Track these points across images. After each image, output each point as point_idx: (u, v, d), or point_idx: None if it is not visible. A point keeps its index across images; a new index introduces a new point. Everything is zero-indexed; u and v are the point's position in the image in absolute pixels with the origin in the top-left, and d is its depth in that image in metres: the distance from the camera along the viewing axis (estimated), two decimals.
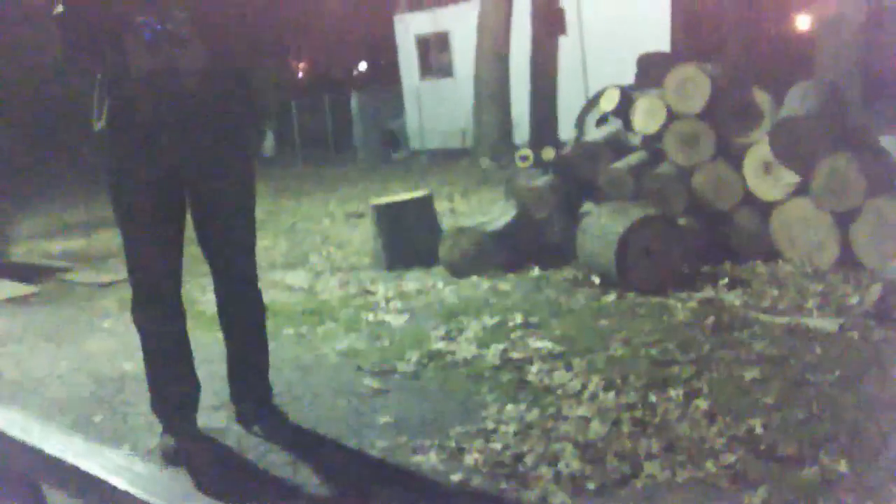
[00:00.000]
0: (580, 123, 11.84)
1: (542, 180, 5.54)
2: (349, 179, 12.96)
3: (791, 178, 4.93)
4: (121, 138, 2.94)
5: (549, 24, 13.44)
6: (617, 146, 5.73)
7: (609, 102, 5.79)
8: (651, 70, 11.67)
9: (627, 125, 5.76)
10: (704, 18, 12.63)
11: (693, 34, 12.34)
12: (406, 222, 5.89)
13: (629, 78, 11.86)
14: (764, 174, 5.05)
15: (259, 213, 3.47)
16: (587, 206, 5.48)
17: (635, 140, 5.76)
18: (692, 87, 5.28)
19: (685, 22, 12.21)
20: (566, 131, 13.39)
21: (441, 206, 8.76)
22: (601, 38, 12.85)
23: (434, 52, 15.05)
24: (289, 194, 11.53)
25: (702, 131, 5.25)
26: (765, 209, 5.08)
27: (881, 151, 4.96)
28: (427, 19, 15.12)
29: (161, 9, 2.76)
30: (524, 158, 5.80)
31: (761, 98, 5.21)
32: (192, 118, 2.91)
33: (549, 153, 5.61)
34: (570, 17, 13.19)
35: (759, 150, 5.06)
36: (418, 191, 6.32)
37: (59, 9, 2.95)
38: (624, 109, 5.75)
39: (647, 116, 5.46)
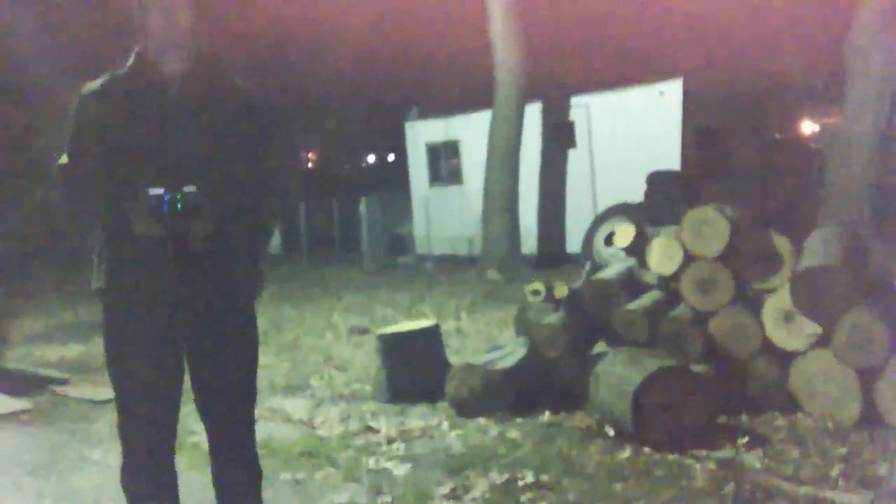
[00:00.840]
0: (588, 241, 11.84)
1: (553, 317, 5.39)
2: (354, 285, 12.84)
3: (812, 329, 4.77)
4: (119, 300, 2.81)
5: (559, 137, 13.57)
6: (631, 284, 5.60)
7: (624, 239, 5.68)
8: (661, 188, 11.78)
9: (642, 262, 5.63)
10: (716, 135, 12.68)
11: (704, 150, 12.38)
12: (411, 354, 5.72)
13: (638, 191, 11.93)
14: (784, 323, 4.90)
15: (262, 323, 3.29)
16: (600, 346, 5.32)
17: (649, 277, 5.63)
18: (709, 229, 5.17)
19: (696, 138, 12.27)
20: (574, 243, 13.38)
21: (447, 323, 8.63)
22: (611, 151, 12.90)
23: (444, 159, 15.14)
24: (293, 301, 11.38)
25: (719, 275, 5.11)
26: (784, 358, 4.91)
27: None
28: (437, 127, 15.25)
29: (171, 179, 2.65)
30: (536, 293, 5.65)
31: (781, 243, 5.10)
32: (195, 277, 2.78)
33: (561, 290, 5.47)
34: (580, 131, 13.30)
35: (779, 298, 4.91)
36: (424, 318, 6.16)
37: (64, 160, 2.85)
38: (638, 246, 5.62)
39: (663, 257, 5.34)
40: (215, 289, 2.83)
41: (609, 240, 11.47)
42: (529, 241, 13.88)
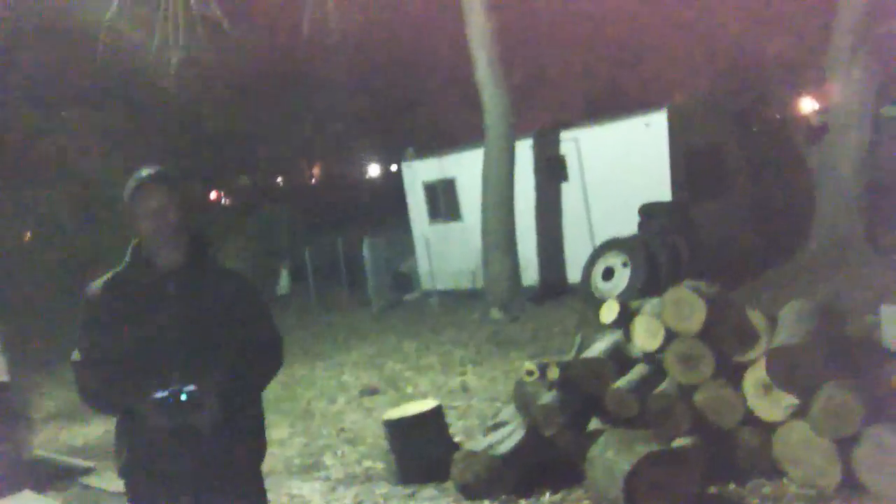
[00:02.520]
0: (586, 277, 12.11)
1: (549, 397, 5.69)
2: (362, 333, 13.15)
3: (790, 400, 5.06)
4: (138, 480, 3.12)
5: (551, 171, 13.87)
6: (619, 357, 5.89)
7: (609, 314, 5.97)
8: (654, 220, 12.06)
9: (628, 335, 5.92)
10: (704, 165, 12.98)
11: (692, 180, 12.67)
12: (417, 437, 6.04)
13: (632, 219, 12.22)
14: (764, 394, 5.19)
15: (274, 387, 3.55)
16: (595, 422, 5.62)
17: (636, 350, 5.92)
18: (688, 308, 5.46)
19: (684, 169, 12.56)
20: (574, 273, 13.67)
21: (452, 381, 8.95)
22: (603, 182, 13.19)
23: (441, 197, 15.45)
24: (304, 358, 11.72)
25: (700, 351, 5.41)
26: (767, 428, 5.20)
27: (884, 373, 5.09)
28: (433, 166, 15.58)
29: (173, 378, 2.97)
30: (530, 373, 5.96)
31: (756, 318, 5.39)
32: (207, 459, 3.08)
33: (553, 372, 5.77)
34: (572, 164, 13.59)
35: (758, 371, 5.20)
36: (427, 401, 6.45)
37: (76, 356, 3.17)
38: (624, 320, 5.92)
39: (646, 335, 5.63)
40: (224, 464, 3.12)
41: (607, 275, 11.79)
42: (531, 273, 14.18)
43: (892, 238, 13.93)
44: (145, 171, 3.16)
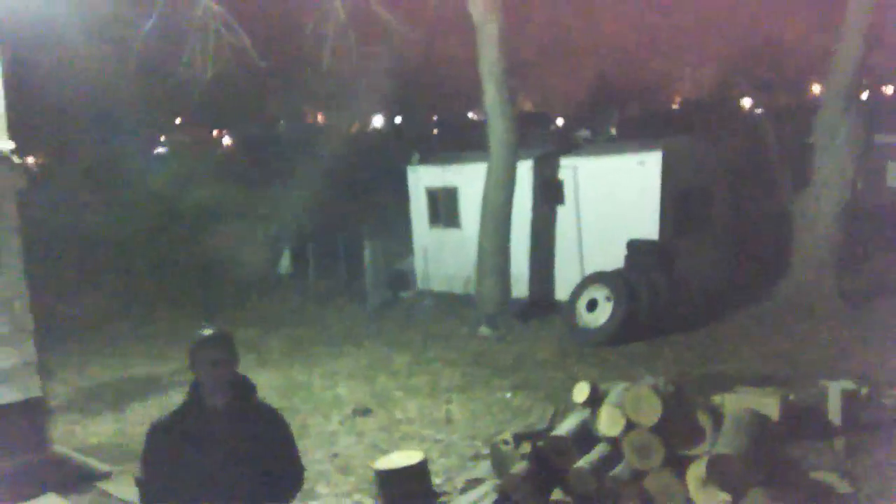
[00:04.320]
0: (572, 305, 12.89)
1: (520, 467, 6.52)
2: (356, 335, 13.96)
3: (724, 496, 5.90)
4: None
5: (549, 193, 14.61)
6: (586, 433, 6.71)
7: (580, 395, 6.78)
8: (639, 258, 12.85)
9: (594, 416, 6.73)
10: (690, 203, 13.71)
11: (679, 217, 13.42)
12: (403, 487, 6.88)
13: (619, 246, 13.01)
14: (702, 487, 6.03)
15: (275, 397, 4.29)
16: (557, 493, 6.45)
17: (600, 434, 6.74)
18: (646, 404, 6.27)
19: (672, 207, 13.29)
20: (562, 291, 14.49)
21: (438, 410, 9.78)
22: (596, 209, 13.94)
23: (443, 204, 16.17)
24: (301, 357, 12.59)
25: (653, 442, 6.23)
26: None
27: (810, 485, 5.94)
28: (437, 173, 16.28)
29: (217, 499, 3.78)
30: (506, 443, 6.78)
31: (704, 419, 6.21)
32: None
33: (525, 447, 6.59)
34: (569, 189, 14.32)
35: (699, 466, 6.04)
36: (414, 454, 7.25)
37: (138, 473, 3.98)
38: (593, 402, 6.72)
39: (609, 422, 6.45)
40: None
41: (591, 306, 12.58)
42: (521, 286, 14.96)
43: (861, 250, 14.79)
44: (207, 331, 3.95)
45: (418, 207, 16.73)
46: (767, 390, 7.06)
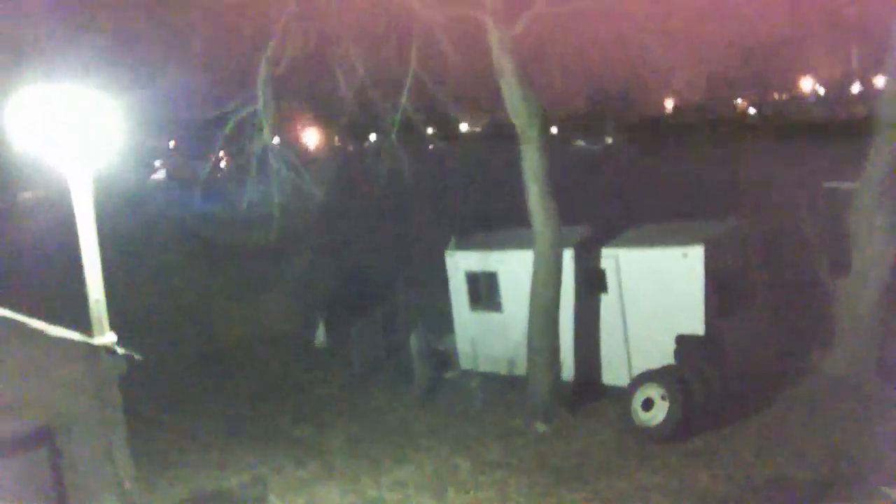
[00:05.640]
0: (626, 405, 13.22)
1: None
2: (412, 432, 14.25)
3: None
4: None
5: (591, 281, 14.99)
6: None
7: None
8: (689, 353, 13.25)
9: None
10: (732, 288, 14.08)
11: (722, 304, 13.79)
12: None
13: (666, 335, 13.39)
14: None
15: None
16: None
17: None
18: None
19: (715, 295, 13.66)
20: (609, 375, 14.90)
21: None
22: (639, 298, 14.35)
23: (483, 287, 16.54)
24: (364, 461, 12.91)
25: None
26: None
27: None
28: (476, 258, 16.65)
29: None
30: None
31: None
32: None
33: None
34: (611, 278, 14.69)
35: None
36: None
37: None
38: None
39: None
40: None
41: (646, 405, 12.93)
42: (566, 368, 15.30)
43: None
44: None
45: (458, 290, 17.09)
46: None
